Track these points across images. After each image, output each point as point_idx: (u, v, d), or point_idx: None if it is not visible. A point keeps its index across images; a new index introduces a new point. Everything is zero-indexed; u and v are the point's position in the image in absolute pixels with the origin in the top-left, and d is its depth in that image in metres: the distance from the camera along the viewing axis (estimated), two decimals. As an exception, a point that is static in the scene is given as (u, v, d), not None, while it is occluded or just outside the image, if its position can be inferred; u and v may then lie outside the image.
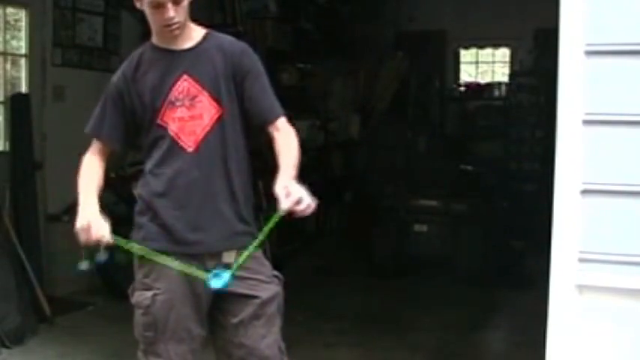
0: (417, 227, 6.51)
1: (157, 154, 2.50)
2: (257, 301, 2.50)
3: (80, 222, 2.42)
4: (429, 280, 6.16)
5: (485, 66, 9.95)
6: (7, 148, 5.27)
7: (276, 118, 2.53)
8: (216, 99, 2.49)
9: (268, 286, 2.54)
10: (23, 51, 5.51)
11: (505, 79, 9.42)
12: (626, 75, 2.44)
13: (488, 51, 9.72)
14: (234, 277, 2.46)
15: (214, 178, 2.48)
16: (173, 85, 2.48)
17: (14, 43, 5.58)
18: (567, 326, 2.51)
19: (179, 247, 2.48)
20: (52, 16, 5.52)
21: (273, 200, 2.35)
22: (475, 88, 9.35)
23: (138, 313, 2.52)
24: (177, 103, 2.47)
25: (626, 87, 2.43)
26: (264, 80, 2.56)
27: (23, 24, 5.49)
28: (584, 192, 2.48)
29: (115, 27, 6.01)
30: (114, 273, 5.64)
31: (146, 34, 2.63)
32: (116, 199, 5.75)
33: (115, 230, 2.48)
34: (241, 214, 2.53)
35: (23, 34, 5.49)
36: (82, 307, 5.34)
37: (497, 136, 8.63)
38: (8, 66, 5.53)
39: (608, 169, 2.47)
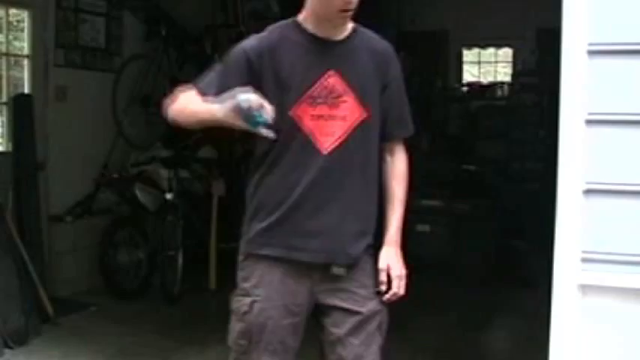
0: (420, 227, 6.50)
1: (283, 151, 2.27)
2: (358, 317, 2.34)
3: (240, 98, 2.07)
4: (431, 280, 6.12)
5: (487, 66, 9.94)
6: (10, 149, 5.28)
7: (400, 137, 2.43)
8: (362, 101, 2.30)
9: (371, 303, 2.37)
10: (26, 52, 5.51)
11: (507, 78, 9.39)
12: (628, 75, 2.43)
13: (491, 51, 9.70)
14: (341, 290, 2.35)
15: (348, 185, 2.30)
16: (318, 79, 2.27)
17: (17, 44, 5.58)
18: (570, 326, 2.51)
19: (297, 254, 2.31)
20: (54, 17, 5.52)
21: None
22: (477, 88, 9.32)
23: (233, 319, 2.38)
24: (319, 100, 2.26)
25: (629, 87, 2.43)
26: (403, 92, 2.44)
27: (26, 25, 5.49)
28: (587, 192, 2.48)
29: (118, 28, 6.00)
30: (115, 273, 5.64)
31: (149, 34, 2.58)
32: (118, 200, 5.75)
33: (116, 230, 2.44)
34: (368, 226, 2.39)
35: (26, 35, 5.50)
36: (84, 307, 5.33)
37: (499, 135, 8.59)
38: (11, 67, 5.53)
39: (611, 169, 2.47)
